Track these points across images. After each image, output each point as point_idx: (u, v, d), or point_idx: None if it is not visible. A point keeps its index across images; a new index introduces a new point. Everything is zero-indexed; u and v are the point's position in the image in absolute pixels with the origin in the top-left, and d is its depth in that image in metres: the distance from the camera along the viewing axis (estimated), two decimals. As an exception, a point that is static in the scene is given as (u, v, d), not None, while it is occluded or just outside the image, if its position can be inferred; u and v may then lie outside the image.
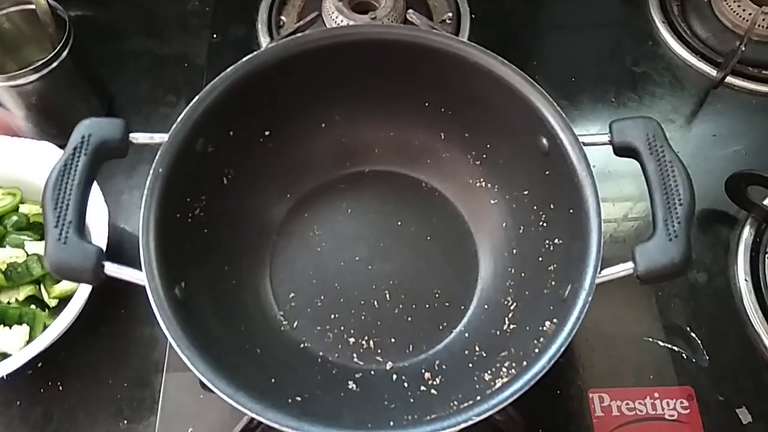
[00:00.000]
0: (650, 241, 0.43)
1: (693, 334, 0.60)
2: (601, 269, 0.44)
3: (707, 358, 0.59)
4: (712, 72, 0.75)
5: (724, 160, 0.70)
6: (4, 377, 0.54)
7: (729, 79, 0.74)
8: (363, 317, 0.57)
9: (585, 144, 0.47)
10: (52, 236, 0.43)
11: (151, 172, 0.47)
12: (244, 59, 0.52)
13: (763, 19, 0.75)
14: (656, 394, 0.57)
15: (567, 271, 0.47)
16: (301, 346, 0.55)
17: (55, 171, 0.45)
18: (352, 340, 0.56)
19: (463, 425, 0.38)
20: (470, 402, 0.40)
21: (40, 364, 0.59)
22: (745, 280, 0.62)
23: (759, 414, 0.56)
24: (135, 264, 0.45)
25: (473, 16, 0.79)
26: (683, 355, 0.59)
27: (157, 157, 0.47)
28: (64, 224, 0.43)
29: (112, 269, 0.43)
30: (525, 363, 0.42)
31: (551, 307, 0.46)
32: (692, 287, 0.63)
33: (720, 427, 0.56)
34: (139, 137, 0.48)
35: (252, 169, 0.58)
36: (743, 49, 0.71)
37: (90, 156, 0.46)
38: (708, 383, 0.58)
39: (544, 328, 0.45)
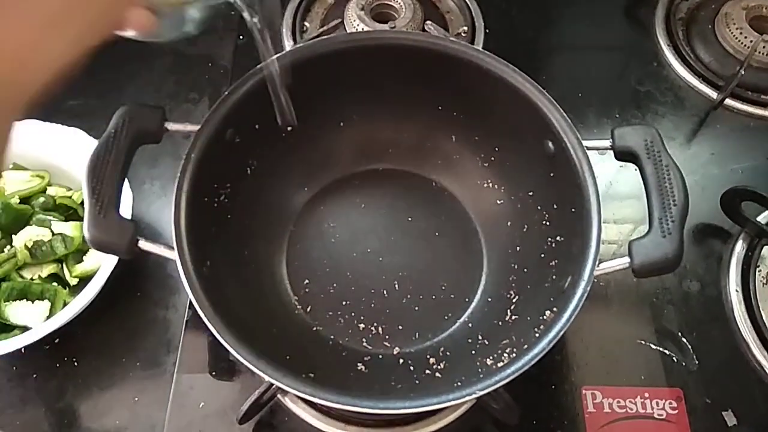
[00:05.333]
0: (645, 237, 0.46)
1: (684, 339, 0.62)
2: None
3: (696, 362, 0.61)
4: (713, 94, 0.78)
5: (721, 178, 0.72)
6: (23, 350, 0.56)
7: (728, 101, 0.77)
8: (373, 305, 0.59)
9: (588, 148, 0.51)
10: (92, 211, 0.46)
11: (184, 156, 0.50)
12: (272, 57, 0.55)
13: (764, 47, 0.77)
14: (646, 394, 0.59)
15: (567, 266, 0.50)
16: (314, 329, 0.58)
17: (96, 151, 0.48)
18: (362, 325, 0.58)
19: (468, 398, 0.41)
20: (474, 380, 0.43)
21: (57, 340, 0.61)
22: (736, 291, 0.64)
23: (744, 417, 0.58)
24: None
25: (487, 30, 0.81)
26: (674, 358, 0.61)
27: (190, 143, 0.51)
28: (103, 200, 0.46)
29: (145, 244, 0.47)
30: (526, 347, 0.45)
31: (551, 299, 0.49)
32: (685, 295, 0.65)
33: (706, 428, 0.58)
34: (173, 125, 0.52)
35: (274, 162, 0.61)
36: (743, 73, 0.74)
37: (128, 139, 0.49)
38: (696, 386, 0.60)
39: (544, 317, 0.48)
